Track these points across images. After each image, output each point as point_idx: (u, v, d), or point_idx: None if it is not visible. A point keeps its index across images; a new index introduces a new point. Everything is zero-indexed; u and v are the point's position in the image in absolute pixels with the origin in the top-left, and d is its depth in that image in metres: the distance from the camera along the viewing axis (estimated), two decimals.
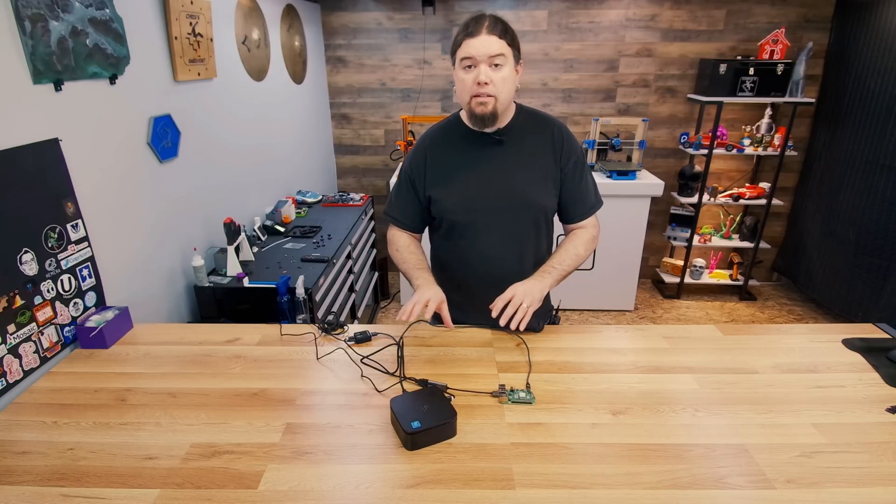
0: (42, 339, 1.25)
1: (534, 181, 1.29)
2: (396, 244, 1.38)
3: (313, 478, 0.89)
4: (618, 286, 3.41)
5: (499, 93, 1.17)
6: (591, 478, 0.88)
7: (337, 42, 3.49)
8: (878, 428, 1.00)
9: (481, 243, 1.32)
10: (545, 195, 1.31)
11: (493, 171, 1.28)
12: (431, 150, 1.32)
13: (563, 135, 1.31)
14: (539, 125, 1.31)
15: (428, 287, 1.24)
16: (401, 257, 1.35)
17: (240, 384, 1.16)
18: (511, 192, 1.28)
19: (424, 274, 1.29)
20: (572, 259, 1.31)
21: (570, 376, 1.17)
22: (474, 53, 1.14)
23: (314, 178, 3.40)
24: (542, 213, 1.33)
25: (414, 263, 1.32)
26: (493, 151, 1.28)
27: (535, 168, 1.29)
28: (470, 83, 1.17)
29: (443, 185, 1.30)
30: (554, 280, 1.27)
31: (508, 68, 1.17)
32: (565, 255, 1.31)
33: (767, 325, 1.78)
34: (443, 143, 1.32)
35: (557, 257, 1.31)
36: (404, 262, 1.34)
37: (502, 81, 1.17)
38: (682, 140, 3.52)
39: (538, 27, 3.36)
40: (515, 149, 1.28)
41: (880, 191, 2.87)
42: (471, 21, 1.17)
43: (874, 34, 2.87)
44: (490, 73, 1.15)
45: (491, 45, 1.14)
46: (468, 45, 1.15)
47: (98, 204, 1.45)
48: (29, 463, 0.93)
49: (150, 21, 1.69)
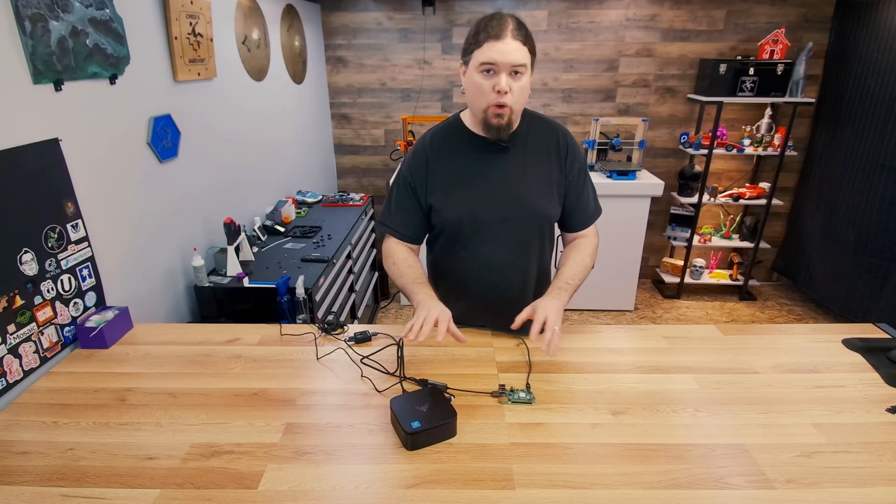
0: (42, 339, 1.25)
1: (539, 189, 1.26)
2: (393, 257, 1.29)
3: (313, 478, 0.89)
4: (618, 286, 3.41)
5: (515, 103, 1.12)
6: (591, 478, 0.88)
7: (337, 42, 3.49)
8: (878, 428, 1.00)
9: (485, 253, 1.28)
10: (550, 204, 1.27)
11: (497, 179, 1.24)
12: (433, 157, 1.26)
13: (567, 141, 1.27)
14: (543, 131, 1.27)
15: (431, 303, 1.15)
16: (398, 271, 1.27)
17: (240, 384, 1.16)
18: (516, 200, 1.24)
19: (426, 289, 1.21)
20: (582, 272, 1.26)
21: (570, 376, 1.17)
22: (498, 60, 1.07)
23: (314, 178, 3.40)
24: (546, 222, 1.30)
25: (413, 278, 1.24)
26: (497, 158, 1.24)
27: (541, 175, 1.25)
28: (488, 90, 1.11)
29: (445, 193, 1.25)
30: (569, 296, 1.22)
31: (527, 78, 1.12)
32: (576, 269, 1.25)
33: (767, 325, 1.78)
34: (444, 149, 1.26)
35: (569, 272, 1.25)
36: (402, 277, 1.26)
37: (520, 91, 1.12)
38: (682, 140, 3.52)
39: (538, 27, 3.36)
40: (520, 156, 1.25)
41: (880, 191, 2.87)
42: (492, 21, 1.09)
43: (874, 34, 2.87)
44: (511, 83, 1.10)
45: (515, 53, 1.07)
46: (491, 47, 1.07)
47: (98, 204, 1.45)
48: (29, 463, 0.93)
49: (150, 21, 1.69)
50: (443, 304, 1.15)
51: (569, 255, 1.30)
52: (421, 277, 1.25)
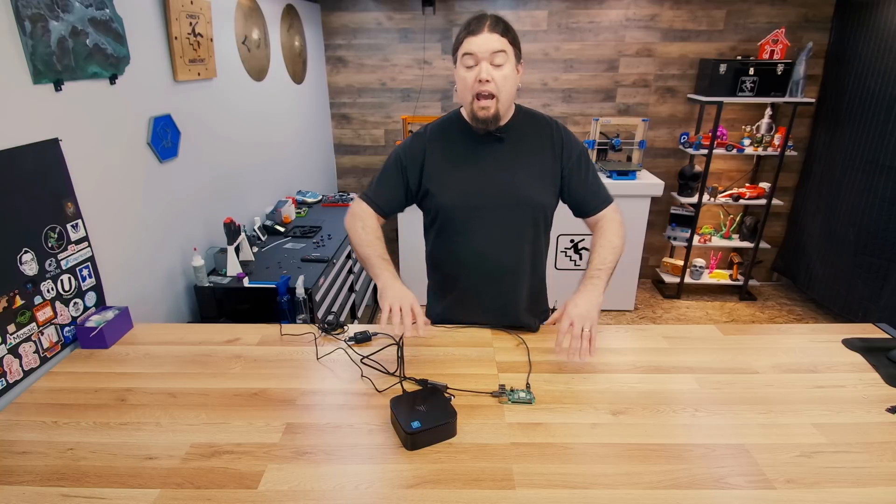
0: (42, 339, 1.25)
1: (533, 179, 1.28)
2: (364, 221, 1.29)
3: (313, 478, 0.89)
4: (618, 286, 3.40)
5: (500, 91, 1.17)
6: (591, 478, 0.88)
7: (337, 42, 3.49)
8: (878, 428, 1.00)
9: (478, 241, 1.31)
10: (545, 193, 1.30)
11: (492, 169, 1.27)
12: (430, 144, 1.30)
13: (561, 133, 1.31)
14: (538, 125, 1.31)
15: (397, 287, 1.14)
16: (366, 239, 1.26)
17: (240, 384, 1.16)
18: (510, 189, 1.27)
19: (391, 268, 1.21)
20: (612, 253, 1.25)
21: (570, 376, 1.17)
22: (475, 50, 1.14)
23: (314, 178, 3.40)
24: (540, 212, 1.32)
25: (380, 252, 1.24)
26: (492, 148, 1.28)
27: (535, 166, 1.29)
28: (471, 81, 1.16)
29: (440, 177, 1.29)
30: (604, 283, 1.20)
31: (510, 67, 1.17)
32: (605, 252, 1.24)
33: (767, 325, 1.78)
34: (442, 138, 1.31)
35: (598, 257, 1.24)
36: (369, 246, 1.25)
37: (503, 80, 1.16)
38: (682, 140, 3.52)
39: (538, 27, 3.36)
40: (515, 147, 1.28)
41: (880, 191, 2.87)
42: (472, 20, 1.16)
43: (874, 34, 2.87)
44: (491, 71, 1.15)
45: (492, 42, 1.13)
46: (469, 42, 1.14)
47: (98, 204, 1.45)
48: (29, 463, 0.93)
49: (150, 21, 1.69)
50: (406, 288, 1.15)
51: (595, 242, 1.29)
52: (386, 255, 1.25)
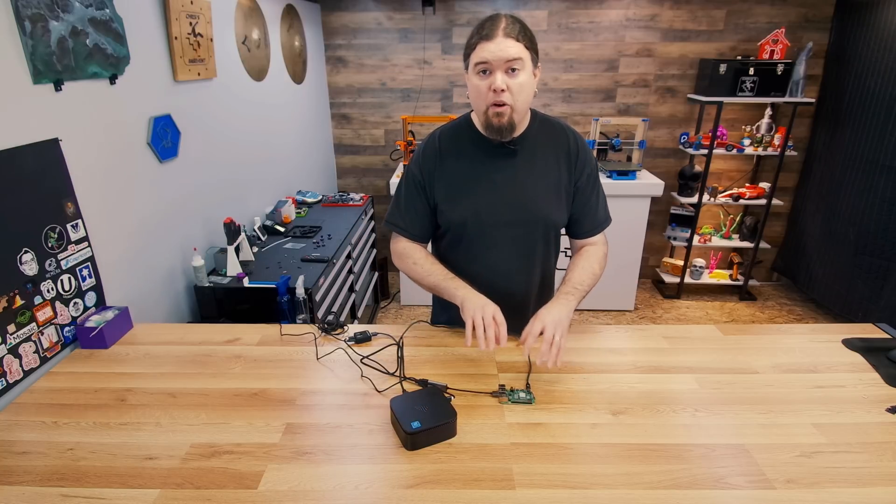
0: (42, 339, 1.25)
1: (546, 195, 1.23)
2: (413, 257, 1.26)
3: (313, 478, 0.89)
4: (618, 286, 3.41)
5: (515, 101, 1.10)
6: (591, 478, 0.88)
7: (337, 42, 3.49)
8: (878, 428, 1.00)
9: (489, 257, 1.27)
10: (557, 210, 1.25)
11: (504, 183, 1.22)
12: (442, 157, 1.24)
13: (578, 145, 1.25)
14: (553, 134, 1.25)
15: (476, 298, 1.12)
16: (424, 271, 1.23)
17: (240, 384, 1.16)
18: (523, 205, 1.22)
19: (462, 283, 1.18)
20: (591, 279, 1.23)
21: (570, 376, 1.17)
22: (490, 58, 1.06)
23: (314, 178, 3.40)
24: (553, 230, 1.29)
25: (443, 275, 1.21)
26: (505, 162, 1.22)
27: (549, 180, 1.23)
28: (485, 90, 1.09)
29: (451, 193, 1.24)
30: (577, 301, 1.18)
31: (526, 73, 1.09)
32: (584, 275, 1.23)
33: (767, 325, 1.78)
34: (454, 149, 1.24)
35: (577, 277, 1.22)
36: (431, 276, 1.22)
37: (519, 88, 1.09)
38: (682, 140, 3.52)
39: (538, 27, 3.36)
40: (529, 160, 1.22)
41: (880, 191, 2.87)
42: (486, 22, 1.09)
43: (874, 34, 2.87)
44: (507, 80, 1.07)
45: (508, 49, 1.05)
46: (483, 48, 1.07)
47: (98, 204, 1.45)
48: (29, 463, 0.93)
49: (150, 21, 1.69)
50: (485, 297, 1.13)
51: (576, 262, 1.27)
52: (450, 273, 1.22)
